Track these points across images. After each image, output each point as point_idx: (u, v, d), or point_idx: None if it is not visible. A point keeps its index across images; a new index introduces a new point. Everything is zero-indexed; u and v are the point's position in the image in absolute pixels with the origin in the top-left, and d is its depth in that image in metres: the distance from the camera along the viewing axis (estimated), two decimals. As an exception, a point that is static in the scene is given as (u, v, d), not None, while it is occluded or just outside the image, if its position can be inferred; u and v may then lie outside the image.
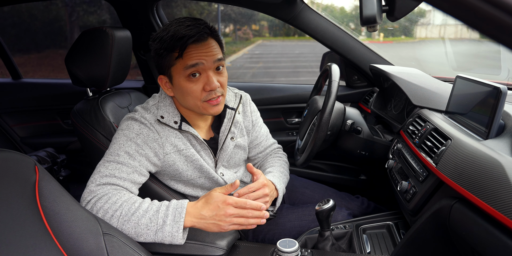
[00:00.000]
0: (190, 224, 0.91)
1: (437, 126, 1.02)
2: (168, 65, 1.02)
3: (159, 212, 0.91)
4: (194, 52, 0.99)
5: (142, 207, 0.92)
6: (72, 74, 1.34)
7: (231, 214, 0.89)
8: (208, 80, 1.01)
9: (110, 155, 1.00)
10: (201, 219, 0.90)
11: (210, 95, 1.02)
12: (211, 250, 0.93)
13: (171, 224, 0.89)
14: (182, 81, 1.02)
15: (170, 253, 0.93)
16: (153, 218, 0.90)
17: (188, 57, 0.98)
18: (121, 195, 0.94)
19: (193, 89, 1.02)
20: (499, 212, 0.62)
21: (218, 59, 1.02)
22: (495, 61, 1.86)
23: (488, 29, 0.44)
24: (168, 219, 0.89)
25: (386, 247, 1.11)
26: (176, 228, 0.89)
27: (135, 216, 0.90)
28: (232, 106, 1.19)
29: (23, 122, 2.26)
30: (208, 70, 1.01)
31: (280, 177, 1.19)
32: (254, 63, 11.16)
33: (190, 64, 0.99)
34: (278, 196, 1.14)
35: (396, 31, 9.83)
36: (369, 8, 0.80)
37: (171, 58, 1.00)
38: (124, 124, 1.07)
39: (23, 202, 0.70)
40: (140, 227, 0.89)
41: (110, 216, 0.90)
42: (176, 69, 1.01)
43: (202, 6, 9.70)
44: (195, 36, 0.96)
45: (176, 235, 0.89)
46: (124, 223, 0.89)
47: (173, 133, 1.09)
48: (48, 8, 8.06)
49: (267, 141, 1.37)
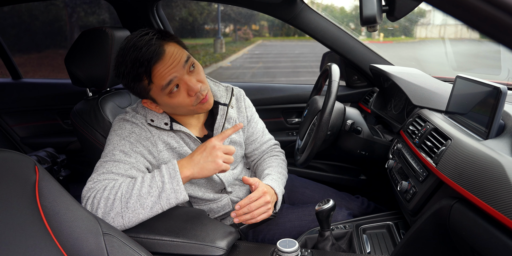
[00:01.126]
0: (188, 173, 0.93)
1: (437, 126, 1.02)
2: (145, 92, 1.02)
3: (154, 177, 0.93)
4: (161, 71, 0.97)
5: (138, 180, 0.93)
6: (72, 74, 1.34)
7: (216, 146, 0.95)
8: (188, 86, 1.00)
9: (106, 156, 1.01)
10: (194, 163, 0.94)
11: (198, 97, 1.02)
12: (211, 250, 0.93)
13: (170, 181, 0.91)
14: (166, 99, 1.01)
15: (170, 253, 0.93)
16: (152, 184, 0.92)
17: (159, 78, 0.97)
18: (117, 181, 0.95)
19: (179, 101, 1.01)
20: (499, 212, 0.62)
21: (186, 61, 1.00)
22: (495, 61, 1.86)
23: (488, 29, 0.44)
24: (165, 178, 0.92)
25: (386, 247, 1.11)
26: (176, 182, 0.91)
27: (135, 189, 0.91)
28: (224, 101, 1.18)
29: (23, 122, 2.26)
30: (182, 77, 1.00)
31: (279, 179, 1.19)
32: (254, 63, 11.16)
33: (164, 84, 0.97)
34: (278, 199, 1.14)
35: (396, 31, 9.84)
36: (369, 8, 0.80)
37: (144, 85, 0.99)
38: (116, 125, 1.07)
39: (23, 202, 0.70)
40: (143, 197, 0.90)
41: (112, 200, 0.90)
42: (154, 92, 1.01)
43: (202, 6, 9.70)
44: (152, 57, 0.94)
45: (177, 189, 0.91)
46: (128, 201, 0.90)
47: (165, 132, 1.09)
48: (48, 8, 8.06)
49: (263, 137, 1.36)
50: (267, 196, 1.05)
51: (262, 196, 1.04)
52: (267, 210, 1.04)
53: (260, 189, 1.05)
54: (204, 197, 1.17)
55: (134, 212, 0.90)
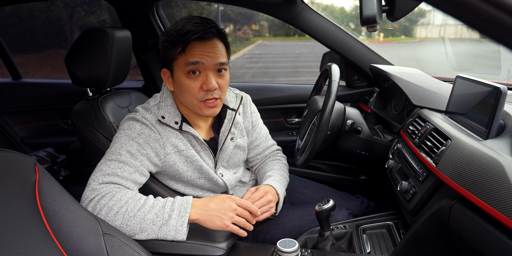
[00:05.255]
0: (195, 217, 0.93)
1: (437, 126, 1.02)
2: (171, 59, 1.03)
3: (165, 207, 0.93)
4: (197, 50, 0.99)
5: (148, 203, 0.93)
6: (72, 74, 1.34)
7: (235, 209, 0.94)
8: (206, 80, 1.01)
9: (112, 154, 1.00)
10: (206, 210, 0.93)
11: (207, 95, 1.03)
12: (211, 250, 0.93)
13: (176, 218, 0.91)
14: (182, 76, 1.02)
15: (170, 253, 0.93)
16: (159, 213, 0.91)
17: (191, 54, 1.00)
18: (125, 193, 0.95)
19: (190, 86, 1.02)
20: (499, 212, 0.62)
21: (221, 63, 1.03)
22: (495, 61, 1.86)
23: (488, 29, 0.44)
24: (173, 213, 0.91)
25: (386, 247, 1.11)
26: (181, 222, 0.91)
27: (141, 211, 0.91)
28: (233, 107, 1.20)
29: (23, 122, 2.26)
30: (208, 70, 1.02)
31: (281, 181, 1.20)
32: (254, 63, 11.15)
33: (191, 61, 0.99)
34: (279, 200, 1.15)
35: (396, 31, 9.83)
36: (369, 8, 0.80)
37: (175, 52, 1.01)
38: (125, 124, 1.07)
39: (23, 202, 0.70)
40: (146, 223, 0.90)
41: (115, 212, 0.90)
42: (177, 63, 1.02)
43: (202, 6, 9.69)
44: (199, 33, 0.97)
45: (180, 229, 0.90)
46: (130, 219, 0.90)
47: (174, 133, 1.09)
48: (49, 8, 8.06)
49: (266, 142, 1.37)
50: (269, 195, 1.05)
51: (265, 195, 1.04)
52: (269, 209, 1.05)
53: (261, 188, 1.05)
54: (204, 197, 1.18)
55: (131, 232, 0.91)
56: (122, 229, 0.90)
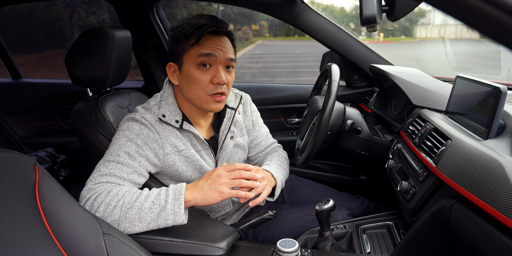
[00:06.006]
0: (190, 198, 0.94)
1: (437, 126, 1.02)
2: (182, 51, 1.04)
3: (160, 194, 0.94)
4: (210, 43, 1.02)
5: (143, 194, 0.95)
6: (72, 74, 1.34)
7: (224, 175, 0.96)
8: (217, 73, 1.03)
9: (110, 155, 1.01)
10: (199, 189, 0.95)
11: (216, 88, 1.04)
12: (211, 250, 0.93)
13: (172, 202, 0.92)
14: (192, 68, 1.03)
15: (170, 253, 0.93)
16: (155, 201, 0.92)
17: (204, 46, 1.01)
18: (121, 188, 0.96)
19: (201, 78, 1.03)
20: (499, 212, 0.62)
21: (230, 59, 1.05)
22: (495, 61, 1.86)
23: (488, 29, 0.44)
24: (169, 198, 0.93)
25: (386, 247, 1.11)
26: (177, 205, 0.91)
27: (138, 202, 0.92)
28: (232, 106, 1.20)
29: (23, 122, 2.26)
30: (219, 64, 1.03)
31: (278, 169, 1.20)
32: (254, 63, 11.15)
33: (204, 53, 1.01)
34: (277, 184, 1.14)
35: (396, 31, 9.83)
36: (369, 8, 0.80)
37: (187, 44, 1.03)
38: (124, 124, 1.07)
39: (23, 202, 0.70)
40: (144, 211, 0.91)
41: (112, 207, 0.91)
42: (189, 55, 1.03)
43: (202, 6, 9.69)
44: (214, 26, 1.00)
45: (178, 211, 0.91)
46: (128, 211, 0.90)
47: (174, 133, 1.09)
48: (49, 8, 8.06)
49: (267, 140, 1.38)
50: (260, 172, 1.06)
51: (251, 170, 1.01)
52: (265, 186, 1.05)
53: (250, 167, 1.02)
54: None
55: (131, 223, 0.91)
56: (121, 222, 0.90)
